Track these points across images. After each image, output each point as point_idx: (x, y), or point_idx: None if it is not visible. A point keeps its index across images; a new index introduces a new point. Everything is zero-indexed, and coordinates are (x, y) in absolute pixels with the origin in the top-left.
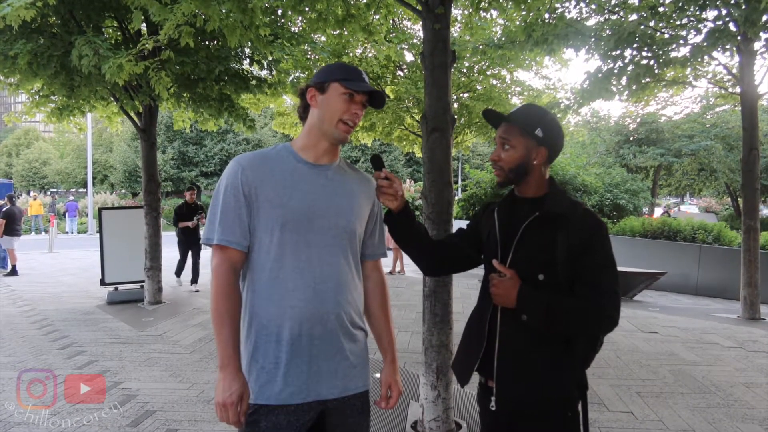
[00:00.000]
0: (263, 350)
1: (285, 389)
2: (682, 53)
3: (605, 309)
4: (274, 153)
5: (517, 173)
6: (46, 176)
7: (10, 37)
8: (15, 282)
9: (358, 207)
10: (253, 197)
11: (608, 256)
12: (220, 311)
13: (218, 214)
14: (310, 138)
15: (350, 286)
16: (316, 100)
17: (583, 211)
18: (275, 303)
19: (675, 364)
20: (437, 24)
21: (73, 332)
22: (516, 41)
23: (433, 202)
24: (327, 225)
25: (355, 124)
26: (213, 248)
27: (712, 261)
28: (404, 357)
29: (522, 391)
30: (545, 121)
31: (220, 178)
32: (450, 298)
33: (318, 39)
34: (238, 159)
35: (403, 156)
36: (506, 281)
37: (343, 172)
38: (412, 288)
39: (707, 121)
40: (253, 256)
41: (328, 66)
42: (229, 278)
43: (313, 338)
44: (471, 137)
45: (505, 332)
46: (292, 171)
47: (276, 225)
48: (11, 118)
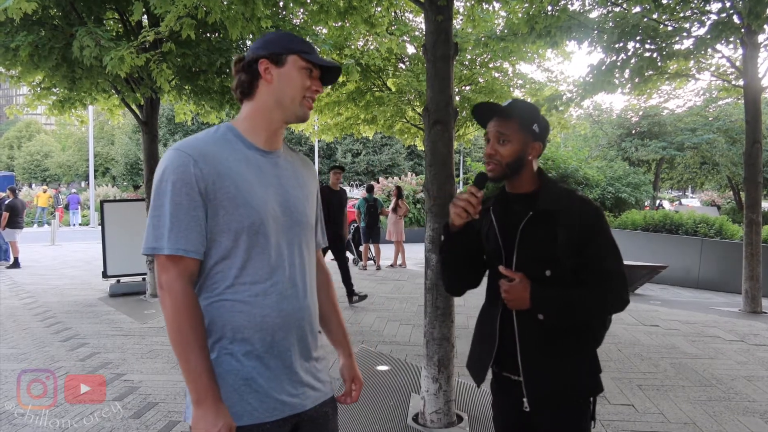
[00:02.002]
0: (231, 367)
1: (259, 407)
2: (685, 46)
3: (616, 291)
4: (221, 138)
5: (513, 168)
6: (48, 169)
7: (12, 29)
8: (17, 274)
9: (311, 197)
10: (211, 195)
11: (609, 240)
12: (185, 336)
13: (166, 216)
14: (261, 119)
15: (314, 287)
16: (272, 74)
17: (578, 200)
18: (243, 314)
19: (676, 357)
20: (439, 16)
21: (76, 324)
22: (518, 33)
23: (434, 195)
24: (289, 222)
25: (314, 100)
26: (161, 260)
27: (713, 254)
28: (406, 350)
29: (549, 387)
30: (540, 117)
31: (158, 172)
32: None
33: (320, 31)
34: (183, 148)
35: (404, 149)
36: (516, 285)
37: (291, 158)
38: (413, 281)
39: (710, 114)
40: (210, 264)
41: (278, 35)
42: (189, 294)
43: (286, 348)
44: (473, 130)
45: (524, 331)
46: (247, 161)
47: (240, 227)
48: (13, 111)
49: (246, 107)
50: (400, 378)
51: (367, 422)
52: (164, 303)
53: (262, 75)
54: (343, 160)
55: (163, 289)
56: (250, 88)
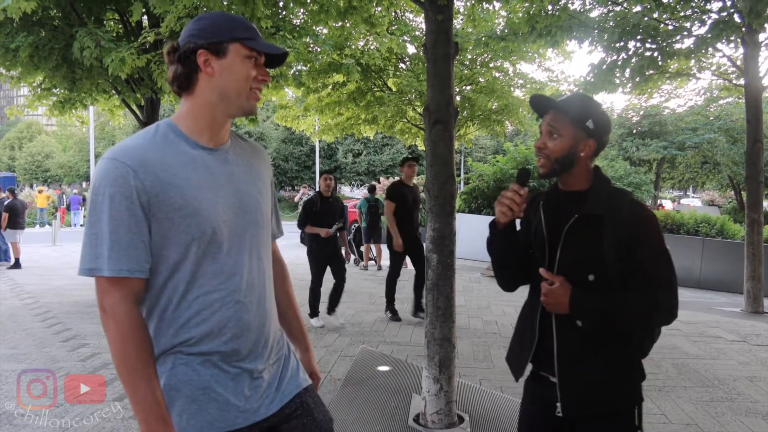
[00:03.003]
0: (188, 379)
1: (220, 417)
2: (686, 45)
3: (663, 303)
4: (162, 140)
5: (562, 164)
6: (49, 169)
7: (12, 29)
8: (18, 275)
9: (265, 190)
10: (155, 208)
11: (661, 248)
12: (131, 363)
13: (105, 234)
14: (204, 115)
15: (271, 288)
16: (212, 67)
17: (629, 203)
18: (196, 327)
19: (678, 358)
20: (440, 15)
21: (77, 325)
22: (519, 33)
23: (435, 195)
24: (243, 224)
25: (261, 90)
26: (101, 282)
27: (715, 254)
28: (407, 350)
29: (591, 394)
30: (597, 112)
31: (93, 184)
32: (453, 292)
33: (320, 31)
34: (120, 158)
35: (405, 149)
36: (557, 289)
37: (240, 151)
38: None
39: (711, 113)
40: (159, 279)
41: (213, 19)
42: (136, 318)
43: (246, 355)
44: (473, 130)
45: (561, 333)
46: (193, 162)
47: (190, 238)
48: (13, 112)
49: (186, 102)
50: (400, 378)
51: (367, 423)
52: (107, 328)
53: (201, 68)
54: (344, 160)
55: (105, 312)
56: (189, 81)
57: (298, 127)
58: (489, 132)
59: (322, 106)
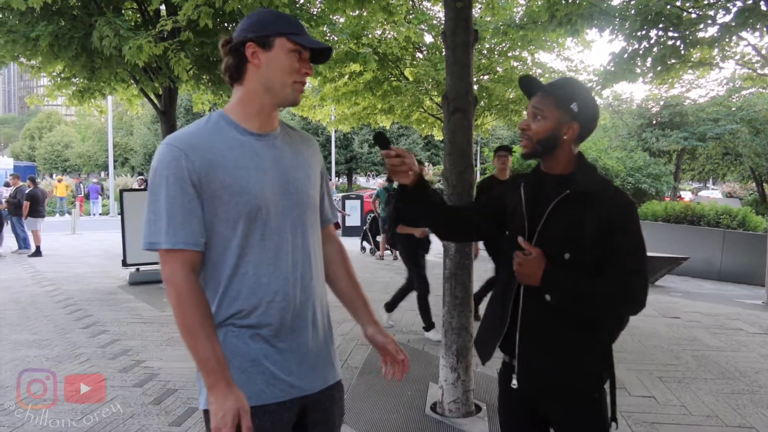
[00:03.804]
0: (237, 349)
1: (266, 389)
2: (709, 33)
3: (633, 291)
4: (213, 127)
5: (544, 146)
6: (68, 159)
7: (32, 19)
8: (39, 262)
9: (313, 176)
10: (205, 186)
11: (638, 238)
12: (192, 325)
13: (163, 211)
14: (252, 104)
15: (320, 268)
16: (259, 58)
17: (613, 189)
18: (246, 300)
19: (698, 350)
20: (459, 2)
21: (96, 312)
22: (538, 21)
23: (453, 184)
24: (290, 204)
25: (305, 83)
26: (162, 254)
27: (736, 246)
28: (423, 339)
29: (545, 369)
30: (583, 96)
31: (152, 167)
32: (470, 281)
33: (337, 20)
34: (173, 142)
35: (421, 139)
36: (531, 260)
37: (289, 138)
38: (430, 271)
39: (733, 104)
40: (212, 254)
41: (262, 15)
42: (193, 284)
43: (294, 331)
44: (491, 120)
45: (528, 311)
46: (241, 147)
47: (238, 215)
48: (33, 101)
49: (236, 92)
50: (417, 367)
51: (384, 411)
52: (169, 295)
53: (249, 59)
54: (360, 150)
55: (166, 281)
56: (239, 72)
57: (314, 116)
58: (506, 122)
59: (339, 95)
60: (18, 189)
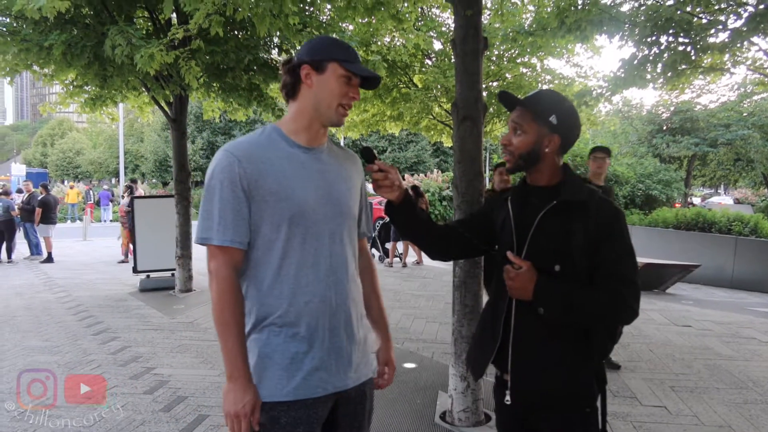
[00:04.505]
0: (278, 347)
1: (303, 384)
2: (720, 39)
3: (625, 300)
4: (265, 139)
5: (527, 160)
6: (80, 166)
7: (45, 28)
8: (51, 269)
9: (354, 189)
10: (254, 191)
11: (627, 245)
12: (226, 320)
13: (215, 211)
14: (302, 120)
15: (355, 274)
16: (312, 80)
17: (599, 199)
18: (287, 299)
19: (710, 359)
20: (469, 10)
21: (107, 318)
22: (548, 28)
23: (463, 192)
24: (330, 213)
25: (351, 107)
26: (211, 249)
27: (748, 253)
28: (433, 347)
29: (538, 385)
30: (561, 108)
31: (209, 171)
32: (480, 289)
33: (346, 28)
34: (230, 150)
35: (430, 146)
36: (522, 273)
37: (334, 154)
38: (439, 278)
39: (744, 109)
40: (256, 254)
41: (320, 41)
42: (233, 282)
43: (330, 331)
44: (500, 127)
45: (520, 325)
46: (289, 158)
47: (282, 219)
48: (46, 108)
49: (290, 108)
50: (427, 376)
51: (394, 420)
52: (211, 286)
53: (303, 80)
54: None
55: (211, 274)
56: (293, 90)
57: None
58: None
59: None
60: (31, 195)
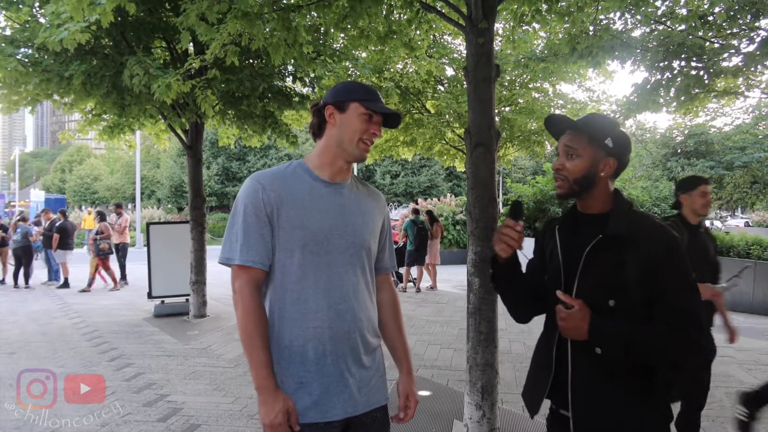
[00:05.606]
0: (287, 370)
1: (311, 408)
2: (733, 63)
3: (688, 333)
4: (290, 171)
5: (581, 185)
6: (97, 191)
7: (66, 58)
8: (67, 294)
9: (372, 224)
10: (275, 217)
11: (686, 274)
12: (251, 333)
13: (240, 233)
14: (327, 156)
15: (367, 303)
16: (335, 119)
17: (653, 227)
18: (297, 324)
19: (731, 386)
20: (480, 38)
21: (122, 344)
22: (559, 54)
23: (477, 218)
24: (345, 244)
25: (372, 143)
26: (234, 269)
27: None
28: (447, 374)
29: (602, 423)
30: (616, 131)
31: (238, 196)
32: (495, 316)
33: (359, 55)
34: (257, 178)
35: (443, 170)
36: (575, 313)
37: (356, 190)
38: (453, 304)
39: (760, 132)
40: (275, 277)
41: (345, 85)
42: (256, 299)
43: (337, 357)
44: (513, 151)
45: (578, 363)
46: (310, 190)
47: (296, 246)
48: (65, 136)
49: (317, 145)
50: (441, 404)
51: None
52: (236, 304)
53: (327, 119)
54: (382, 181)
55: (235, 292)
56: (320, 129)
57: None
58: (529, 153)
59: None
60: (52, 222)
